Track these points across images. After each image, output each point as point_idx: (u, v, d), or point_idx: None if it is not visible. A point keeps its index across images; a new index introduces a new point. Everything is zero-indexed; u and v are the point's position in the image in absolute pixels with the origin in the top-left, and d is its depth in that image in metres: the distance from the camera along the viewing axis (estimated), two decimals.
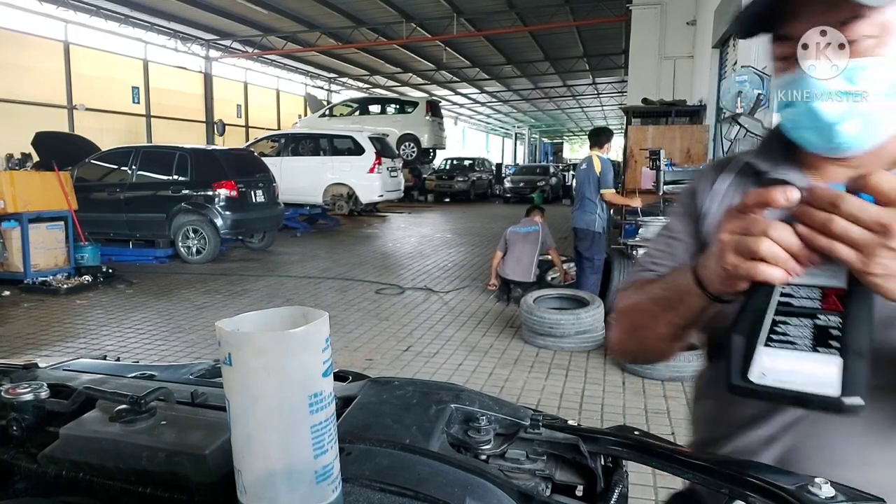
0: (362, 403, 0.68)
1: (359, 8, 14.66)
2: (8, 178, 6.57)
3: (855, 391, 0.59)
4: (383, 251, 9.86)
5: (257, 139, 14.46)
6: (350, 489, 0.50)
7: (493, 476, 0.54)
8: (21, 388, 0.70)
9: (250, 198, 8.74)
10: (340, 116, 18.22)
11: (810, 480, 0.50)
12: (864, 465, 0.78)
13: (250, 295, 6.58)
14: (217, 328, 0.43)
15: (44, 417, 0.69)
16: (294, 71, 22.26)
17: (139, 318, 5.58)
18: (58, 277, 6.81)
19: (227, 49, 18.24)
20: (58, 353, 4.56)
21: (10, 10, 12.72)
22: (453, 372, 4.17)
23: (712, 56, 10.40)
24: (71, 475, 0.59)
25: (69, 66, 14.12)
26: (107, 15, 14.47)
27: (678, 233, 0.97)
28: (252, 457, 0.44)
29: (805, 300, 0.62)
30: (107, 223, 8.53)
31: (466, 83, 24.71)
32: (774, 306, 0.63)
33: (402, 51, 18.83)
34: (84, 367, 0.88)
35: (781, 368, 0.62)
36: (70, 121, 14.04)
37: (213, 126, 17.90)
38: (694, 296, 0.72)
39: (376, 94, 24.59)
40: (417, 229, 12.85)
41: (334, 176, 12.83)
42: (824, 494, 0.47)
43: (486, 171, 23.15)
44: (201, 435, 0.60)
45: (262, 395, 0.43)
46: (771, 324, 0.63)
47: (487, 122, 43.41)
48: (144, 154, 8.87)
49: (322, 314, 0.45)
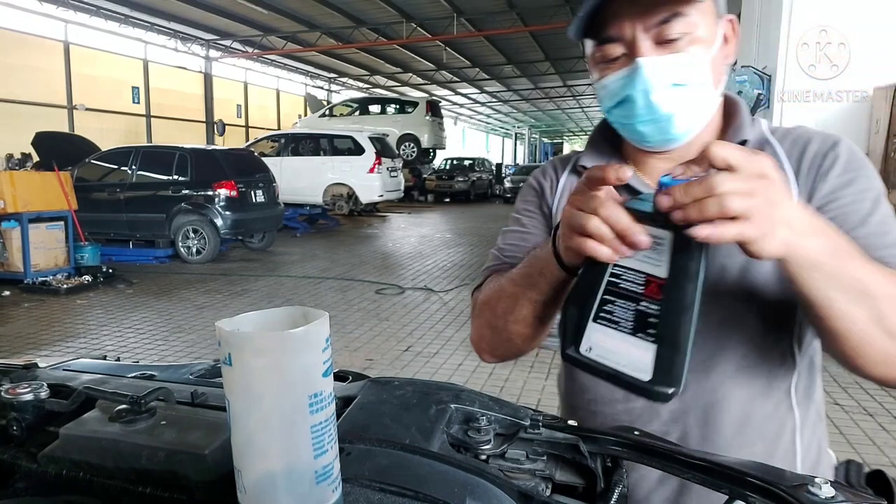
0: (362, 403, 0.68)
1: (359, 8, 14.66)
2: (8, 178, 6.57)
3: (664, 380, 0.60)
4: (383, 251, 9.86)
5: (257, 139, 14.46)
6: (350, 489, 0.50)
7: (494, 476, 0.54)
8: (21, 388, 0.70)
9: (250, 198, 8.74)
10: (340, 116, 18.22)
11: (810, 480, 0.50)
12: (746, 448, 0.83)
13: (250, 295, 6.58)
14: (217, 328, 0.43)
15: (44, 417, 0.69)
16: (294, 71, 22.26)
17: (139, 318, 5.58)
18: (58, 277, 6.81)
19: (227, 49, 18.23)
20: (58, 353, 4.56)
21: (10, 10, 12.72)
22: (453, 372, 4.17)
23: None
24: (71, 475, 0.59)
25: (69, 66, 14.12)
26: (107, 15, 14.46)
27: (529, 227, 1.00)
28: (252, 457, 0.44)
29: (630, 284, 0.64)
30: (107, 223, 8.54)
31: (466, 83, 24.70)
32: (604, 285, 0.65)
33: (402, 51, 18.83)
34: (84, 367, 0.88)
35: (605, 346, 0.64)
36: (70, 121, 14.04)
37: (213, 126, 17.90)
38: (552, 267, 0.76)
39: (376, 94, 24.59)
40: (417, 229, 12.85)
41: (334, 176, 12.83)
42: (824, 494, 0.47)
43: (486, 171, 23.16)
44: (201, 435, 0.60)
45: (262, 395, 0.43)
46: (600, 301, 0.65)
47: (487, 122, 43.41)
48: (144, 154, 8.87)
49: (322, 314, 0.45)
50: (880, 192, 0.82)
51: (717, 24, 0.82)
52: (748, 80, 6.32)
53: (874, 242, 0.76)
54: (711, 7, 0.81)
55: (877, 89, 5.87)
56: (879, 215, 0.80)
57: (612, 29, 0.80)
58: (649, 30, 0.78)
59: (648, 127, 0.83)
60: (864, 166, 0.83)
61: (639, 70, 0.78)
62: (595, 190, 0.64)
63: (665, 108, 0.80)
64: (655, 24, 0.78)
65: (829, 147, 0.84)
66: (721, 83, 0.84)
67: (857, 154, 0.84)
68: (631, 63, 0.79)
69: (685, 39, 0.78)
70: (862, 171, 0.82)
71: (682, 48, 0.79)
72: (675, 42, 0.78)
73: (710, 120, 0.86)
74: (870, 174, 0.83)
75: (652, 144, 0.87)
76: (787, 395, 0.86)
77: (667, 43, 0.78)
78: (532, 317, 0.84)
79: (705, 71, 0.80)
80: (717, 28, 0.81)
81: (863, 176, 0.82)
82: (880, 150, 5.79)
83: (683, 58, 0.79)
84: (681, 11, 0.77)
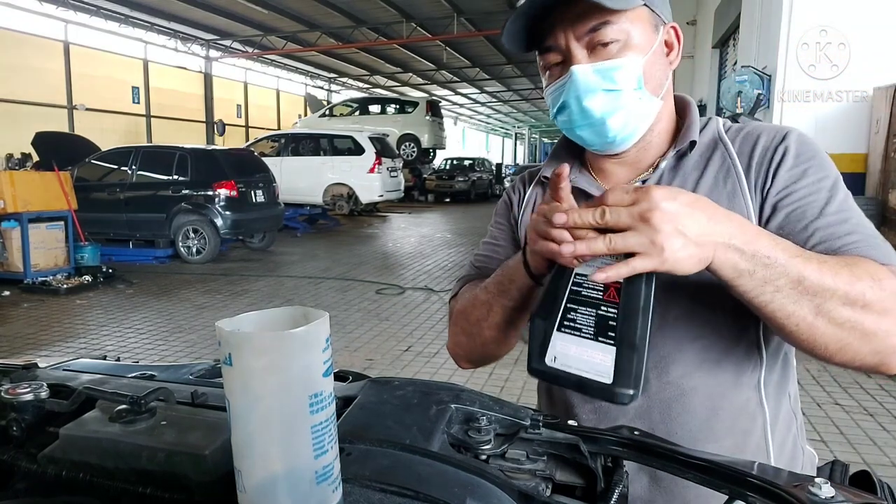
0: (362, 403, 0.68)
1: (359, 8, 14.66)
2: (8, 178, 6.57)
3: (625, 381, 0.62)
4: (383, 251, 9.86)
5: (257, 139, 14.45)
6: (350, 489, 0.50)
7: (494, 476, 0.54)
8: (21, 388, 0.69)
9: (250, 198, 8.73)
10: (340, 116, 18.22)
11: (810, 480, 0.50)
12: (713, 443, 0.84)
13: (250, 295, 6.58)
14: (217, 328, 0.43)
15: (44, 417, 0.69)
16: (294, 71, 22.26)
17: (139, 318, 5.58)
18: (58, 277, 6.81)
19: (227, 49, 18.23)
20: (58, 353, 4.56)
21: (10, 10, 12.72)
22: (453, 372, 4.17)
23: (712, 56, 10.41)
24: (71, 475, 0.59)
25: (69, 66, 14.12)
26: (107, 15, 14.47)
27: (500, 240, 1.07)
28: (252, 457, 0.44)
29: (591, 290, 0.67)
30: (107, 223, 8.53)
31: (466, 83, 24.70)
32: (567, 293, 0.68)
33: (402, 51, 18.83)
34: (84, 367, 0.88)
35: (569, 354, 0.66)
36: (70, 121, 14.04)
37: (213, 126, 17.91)
38: (521, 275, 0.81)
39: (376, 94, 24.59)
40: (417, 229, 12.85)
41: (334, 176, 12.83)
42: (824, 494, 0.47)
43: (486, 171, 23.15)
44: (201, 435, 0.60)
45: (263, 396, 0.43)
46: (563, 310, 0.68)
47: (487, 122, 43.41)
48: (144, 154, 8.87)
49: (322, 314, 0.45)
50: (835, 178, 0.82)
51: (656, 30, 0.84)
52: (748, 80, 6.32)
53: (834, 232, 0.76)
54: (646, 14, 0.83)
55: (877, 89, 5.87)
56: (836, 204, 0.79)
57: (549, 39, 0.84)
58: (581, 38, 0.81)
59: (586, 131, 0.86)
60: (815, 155, 0.83)
61: (572, 77, 0.82)
62: (556, 196, 0.70)
63: (598, 113, 0.83)
64: (586, 33, 0.81)
65: (778, 141, 0.85)
66: (663, 87, 0.86)
67: (808, 144, 0.85)
68: (566, 71, 0.83)
69: (617, 46, 0.81)
70: (814, 161, 0.82)
71: (614, 54, 0.81)
72: (606, 48, 0.81)
73: (653, 123, 0.88)
74: (822, 163, 0.83)
75: (596, 148, 0.90)
76: (756, 390, 0.85)
77: (599, 49, 0.81)
78: (504, 322, 0.89)
79: (637, 76, 0.82)
80: (654, 34, 0.84)
81: (815, 166, 0.82)
82: (880, 150, 5.79)
83: (614, 63, 0.81)
84: (609, 20, 0.80)
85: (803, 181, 0.81)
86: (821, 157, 0.84)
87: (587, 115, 0.84)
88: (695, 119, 0.91)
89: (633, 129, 0.86)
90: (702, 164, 0.89)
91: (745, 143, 0.88)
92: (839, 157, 5.81)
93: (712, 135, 0.90)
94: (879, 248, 0.75)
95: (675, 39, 0.88)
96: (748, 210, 0.84)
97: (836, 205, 0.79)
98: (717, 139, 0.90)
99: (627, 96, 0.82)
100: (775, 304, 0.66)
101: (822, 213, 0.78)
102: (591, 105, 0.82)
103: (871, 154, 6.02)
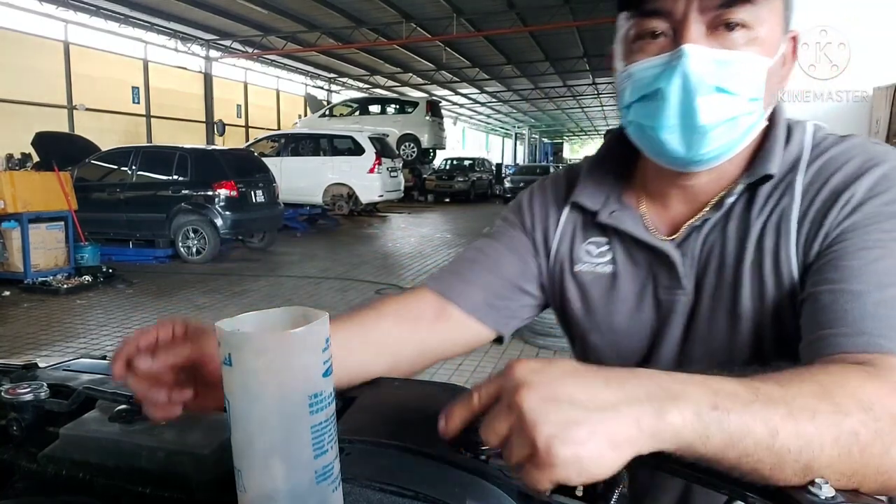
0: (362, 404, 0.68)
1: (359, 8, 14.65)
2: (8, 178, 6.57)
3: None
4: (383, 251, 9.86)
5: (257, 139, 14.46)
6: (350, 489, 0.50)
7: (494, 476, 0.54)
8: (21, 388, 0.70)
9: (250, 198, 8.73)
10: (340, 116, 18.22)
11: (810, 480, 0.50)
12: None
13: (250, 295, 6.57)
14: (217, 328, 0.43)
15: (44, 417, 0.69)
16: (294, 71, 22.25)
17: (139, 318, 5.58)
18: (58, 277, 6.81)
19: (227, 49, 18.22)
20: (58, 353, 4.55)
21: (10, 10, 12.72)
22: (453, 372, 4.16)
23: None
24: (71, 475, 0.59)
25: (69, 66, 14.11)
26: (107, 15, 14.46)
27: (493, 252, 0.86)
28: (252, 457, 0.44)
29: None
30: (107, 223, 8.53)
31: (466, 83, 24.70)
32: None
33: (402, 51, 18.82)
34: (84, 367, 0.88)
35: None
36: (70, 121, 14.03)
37: (213, 126, 17.89)
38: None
39: (376, 94, 24.58)
40: (417, 229, 12.85)
41: (334, 176, 12.83)
42: (824, 495, 0.46)
43: (486, 171, 23.15)
44: (201, 435, 0.60)
45: (262, 396, 0.43)
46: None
47: (487, 122, 43.40)
48: (144, 154, 8.87)
49: (322, 314, 0.45)
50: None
51: (784, 33, 0.67)
52: None
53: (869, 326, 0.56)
54: (781, 8, 0.66)
55: (877, 89, 5.88)
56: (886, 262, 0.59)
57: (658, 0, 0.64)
58: (706, 11, 0.62)
59: (674, 135, 0.66)
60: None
61: (683, 58, 0.62)
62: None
63: (704, 118, 0.63)
64: (715, 6, 0.62)
65: (854, 177, 0.64)
66: (770, 107, 0.69)
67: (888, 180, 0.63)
68: (674, 48, 0.63)
69: (745, 36, 0.63)
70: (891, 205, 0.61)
71: (739, 45, 0.63)
72: (731, 35, 0.63)
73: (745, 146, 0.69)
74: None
75: (669, 161, 0.69)
76: None
77: (722, 32, 0.63)
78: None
79: (761, 82, 0.65)
80: (782, 37, 0.67)
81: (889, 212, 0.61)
82: None
83: (742, 55, 0.63)
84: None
85: (864, 230, 0.61)
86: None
87: (690, 116, 0.63)
88: (778, 140, 0.70)
89: (728, 150, 0.67)
90: (769, 204, 0.69)
91: (818, 177, 0.67)
92: None
93: (792, 159, 0.70)
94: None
95: (792, 53, 0.70)
96: (788, 278, 0.67)
97: (891, 262, 0.59)
98: (794, 167, 0.69)
99: (741, 106, 0.64)
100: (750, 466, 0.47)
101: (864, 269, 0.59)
102: (702, 105, 0.63)
103: None
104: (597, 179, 0.82)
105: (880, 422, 0.48)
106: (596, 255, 0.83)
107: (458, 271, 0.85)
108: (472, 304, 0.83)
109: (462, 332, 0.84)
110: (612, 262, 0.82)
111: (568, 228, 0.85)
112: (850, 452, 0.47)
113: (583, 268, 0.84)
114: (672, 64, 0.63)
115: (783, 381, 0.49)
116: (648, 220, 0.78)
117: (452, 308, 0.83)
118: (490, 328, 0.85)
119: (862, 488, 0.49)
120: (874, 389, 0.49)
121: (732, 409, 0.44)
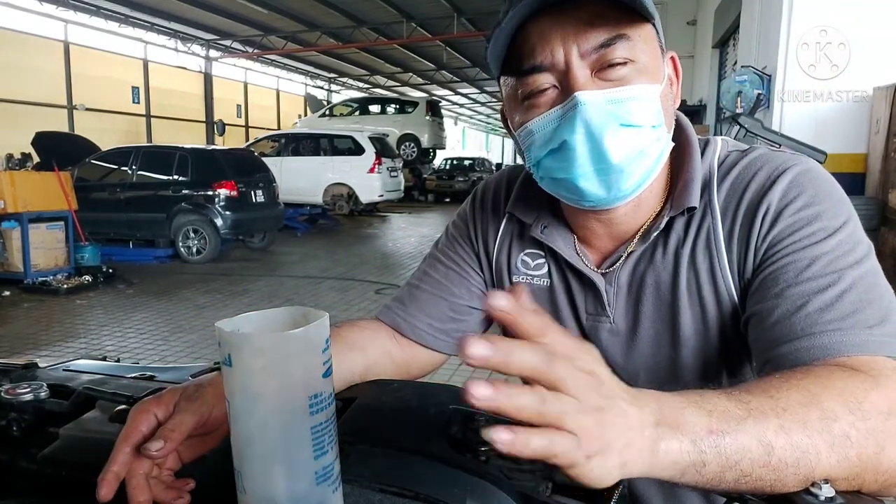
0: (362, 404, 0.68)
1: (359, 8, 14.66)
2: (8, 178, 6.56)
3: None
4: (383, 251, 9.86)
5: (257, 139, 14.45)
6: (350, 490, 0.50)
7: (494, 476, 0.54)
8: (21, 388, 0.70)
9: (250, 198, 8.73)
10: (340, 116, 18.22)
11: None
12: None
13: (250, 295, 6.58)
14: (217, 328, 0.43)
15: (44, 417, 0.69)
16: (294, 71, 22.26)
17: (139, 319, 5.58)
18: (58, 277, 6.81)
19: (227, 49, 18.23)
20: (58, 353, 4.55)
21: (10, 10, 12.72)
22: (453, 372, 4.17)
23: (712, 56, 10.41)
24: (71, 475, 0.59)
25: (69, 66, 14.12)
26: (107, 15, 14.46)
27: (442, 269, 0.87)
28: (252, 457, 0.44)
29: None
30: (107, 223, 8.53)
31: (466, 83, 24.69)
32: None
33: (402, 51, 18.83)
34: (84, 367, 0.88)
35: None
36: (70, 121, 14.04)
37: (213, 126, 17.90)
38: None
39: (376, 94, 24.59)
40: (417, 229, 12.85)
41: (334, 176, 12.83)
42: (824, 495, 0.47)
43: (486, 171, 23.15)
44: None
45: (262, 396, 0.43)
46: None
47: (487, 122, 43.42)
48: (144, 154, 8.87)
49: (322, 314, 0.45)
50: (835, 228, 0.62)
51: (662, 56, 0.69)
52: (748, 80, 6.32)
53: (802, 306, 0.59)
54: (653, 35, 0.66)
55: (877, 89, 5.88)
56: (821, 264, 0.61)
57: (539, 55, 0.63)
58: (586, 56, 0.62)
59: (591, 181, 0.65)
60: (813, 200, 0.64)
61: (579, 106, 0.61)
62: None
63: (615, 156, 0.62)
64: (595, 48, 0.62)
65: (765, 189, 0.66)
66: (672, 127, 0.70)
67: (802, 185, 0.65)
68: (565, 98, 0.63)
69: (629, 69, 0.63)
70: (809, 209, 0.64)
71: (626, 79, 0.63)
72: (617, 70, 0.63)
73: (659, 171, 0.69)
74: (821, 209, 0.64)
75: (592, 204, 0.69)
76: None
77: (607, 71, 0.63)
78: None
79: (658, 108, 0.65)
80: (661, 60, 0.68)
81: (808, 216, 0.64)
82: (880, 150, 5.79)
83: (633, 91, 0.63)
84: (627, 32, 0.62)
85: (789, 239, 0.63)
86: (821, 199, 0.64)
87: (602, 159, 0.63)
88: (695, 169, 0.71)
89: (645, 180, 0.67)
90: (692, 227, 0.71)
91: (732, 193, 0.69)
92: (839, 157, 5.81)
93: (705, 181, 0.71)
94: (857, 328, 0.56)
95: (674, 73, 0.71)
96: (727, 296, 0.69)
97: (822, 265, 0.60)
98: (707, 184, 0.71)
99: (646, 135, 0.64)
100: (750, 486, 0.46)
101: (798, 278, 0.61)
102: (611, 145, 0.62)
103: (870, 154, 6.03)
104: (530, 192, 0.80)
105: (869, 420, 0.48)
106: (533, 266, 0.83)
107: (404, 300, 0.87)
108: (418, 333, 0.85)
109: (415, 358, 0.86)
110: (548, 275, 0.82)
111: (506, 238, 0.84)
112: (847, 457, 0.48)
113: (520, 279, 0.83)
114: (570, 114, 0.62)
115: (771, 389, 0.49)
116: (578, 242, 0.79)
117: (401, 337, 0.85)
118: (442, 352, 0.87)
119: (863, 489, 0.50)
120: (858, 388, 0.50)
121: (727, 431, 0.44)
